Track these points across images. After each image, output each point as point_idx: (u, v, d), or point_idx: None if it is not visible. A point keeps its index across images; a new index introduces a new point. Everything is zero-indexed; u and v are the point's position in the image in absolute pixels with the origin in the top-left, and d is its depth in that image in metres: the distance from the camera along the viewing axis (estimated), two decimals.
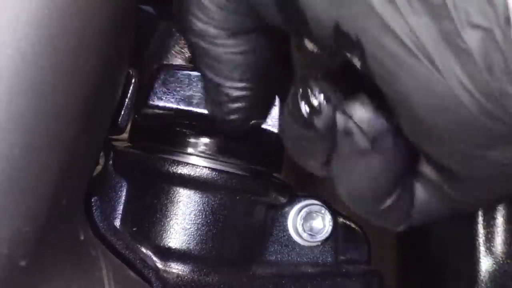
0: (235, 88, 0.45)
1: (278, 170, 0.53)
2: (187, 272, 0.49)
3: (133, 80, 0.46)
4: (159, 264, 0.49)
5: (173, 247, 0.49)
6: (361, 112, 0.40)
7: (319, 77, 0.41)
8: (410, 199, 0.43)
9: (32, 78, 0.35)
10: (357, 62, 0.37)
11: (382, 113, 0.40)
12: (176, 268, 0.49)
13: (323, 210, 0.53)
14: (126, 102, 0.45)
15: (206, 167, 0.49)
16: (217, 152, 0.49)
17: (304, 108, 0.41)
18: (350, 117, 0.40)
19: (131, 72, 0.46)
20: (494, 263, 0.59)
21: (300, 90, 0.42)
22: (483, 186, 0.40)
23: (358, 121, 0.40)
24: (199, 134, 0.49)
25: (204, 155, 0.49)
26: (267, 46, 0.45)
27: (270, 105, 0.49)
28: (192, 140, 0.49)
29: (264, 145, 0.51)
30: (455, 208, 0.43)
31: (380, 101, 0.39)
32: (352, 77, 0.41)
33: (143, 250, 0.49)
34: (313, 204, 0.53)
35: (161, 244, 0.49)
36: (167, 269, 0.49)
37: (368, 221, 0.45)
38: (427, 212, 0.44)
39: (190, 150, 0.49)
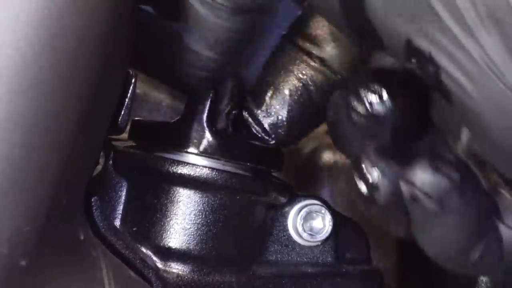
0: (210, 58, 0.45)
1: (278, 168, 0.53)
2: (187, 272, 0.49)
3: (133, 80, 0.46)
4: (159, 264, 0.49)
5: (173, 247, 0.49)
6: (422, 177, 0.40)
7: (371, 153, 0.42)
8: (499, 243, 0.43)
9: (32, 78, 0.35)
10: (431, 80, 0.37)
11: (444, 172, 0.40)
12: (176, 268, 0.49)
13: (323, 210, 0.53)
14: (126, 102, 0.45)
15: (206, 166, 0.49)
16: (218, 151, 0.49)
17: (363, 187, 0.42)
18: (413, 184, 0.40)
19: (131, 72, 0.46)
20: None
21: (354, 171, 0.42)
22: None
23: (421, 187, 0.40)
24: (200, 132, 0.49)
25: (204, 154, 0.49)
26: (252, 30, 0.45)
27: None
28: (192, 139, 0.49)
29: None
30: None
31: (437, 160, 0.40)
32: (404, 143, 0.41)
33: (143, 250, 0.49)
34: (313, 204, 0.53)
35: (161, 244, 0.49)
36: (167, 269, 0.49)
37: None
38: None
39: (190, 149, 0.49)
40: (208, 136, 0.49)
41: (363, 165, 0.42)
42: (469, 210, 0.41)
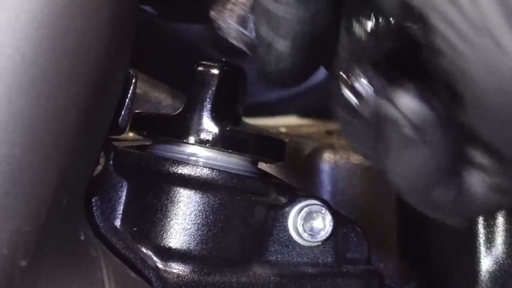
0: (285, 48, 0.45)
1: (281, 160, 0.52)
2: (188, 272, 0.49)
3: (133, 80, 0.46)
4: (160, 264, 0.49)
5: (174, 247, 0.49)
6: (405, 100, 0.39)
7: (363, 62, 0.41)
8: (459, 188, 0.42)
9: (32, 78, 0.35)
10: (420, 36, 0.36)
11: (428, 102, 0.39)
12: (177, 268, 0.49)
13: (323, 210, 0.53)
14: (126, 102, 0.45)
15: (207, 164, 0.49)
16: (221, 142, 0.49)
17: (348, 94, 0.41)
18: (397, 106, 0.39)
19: (131, 72, 0.46)
20: (494, 263, 0.59)
21: (343, 75, 0.41)
22: None
23: (402, 109, 0.39)
24: (202, 123, 0.49)
25: (207, 144, 0.49)
26: (324, 14, 0.44)
27: (314, 67, 0.48)
28: (195, 129, 0.49)
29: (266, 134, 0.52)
30: (506, 196, 0.42)
31: (427, 90, 0.39)
32: (398, 65, 0.40)
33: (144, 250, 0.49)
34: (313, 204, 0.53)
35: (162, 244, 0.49)
36: (167, 269, 0.49)
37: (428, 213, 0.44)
38: (476, 201, 0.43)
39: (193, 139, 0.49)
40: (211, 126, 0.49)
41: (354, 70, 0.40)
42: (445, 147, 0.40)
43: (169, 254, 0.49)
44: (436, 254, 0.65)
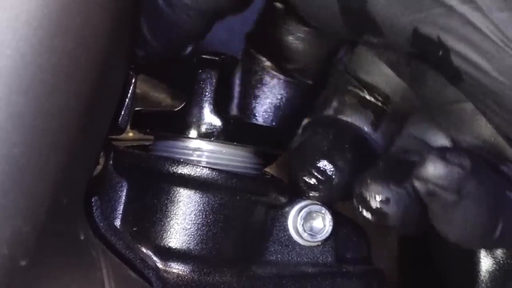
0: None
1: (284, 149, 0.52)
2: (188, 272, 0.49)
3: (133, 80, 0.46)
4: (159, 264, 0.49)
5: (174, 247, 0.49)
6: (435, 172, 0.40)
7: (368, 182, 0.43)
8: None
9: (31, 78, 0.35)
10: (439, 63, 0.38)
11: (452, 161, 0.40)
12: (177, 268, 0.49)
13: (323, 210, 0.53)
14: (126, 102, 0.45)
15: (205, 167, 0.49)
16: (224, 134, 0.49)
17: (367, 214, 0.44)
18: (428, 180, 0.40)
19: (131, 72, 0.46)
20: (494, 263, 0.59)
21: (355, 201, 0.44)
22: None
23: (436, 181, 0.40)
24: (203, 116, 0.49)
25: (210, 137, 0.49)
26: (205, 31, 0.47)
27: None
28: (198, 123, 0.49)
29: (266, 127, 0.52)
30: None
31: (444, 151, 0.40)
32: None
33: (143, 250, 0.49)
34: (313, 204, 0.53)
35: (162, 244, 0.49)
36: (167, 269, 0.49)
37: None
38: None
39: (196, 133, 0.49)
40: (213, 119, 0.49)
41: (365, 195, 0.43)
42: (485, 191, 0.41)
43: (169, 254, 0.49)
44: (436, 254, 0.65)
